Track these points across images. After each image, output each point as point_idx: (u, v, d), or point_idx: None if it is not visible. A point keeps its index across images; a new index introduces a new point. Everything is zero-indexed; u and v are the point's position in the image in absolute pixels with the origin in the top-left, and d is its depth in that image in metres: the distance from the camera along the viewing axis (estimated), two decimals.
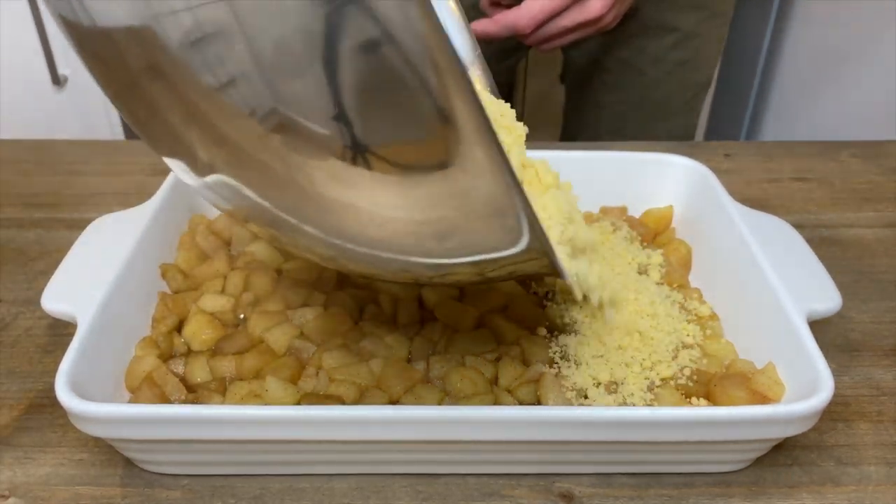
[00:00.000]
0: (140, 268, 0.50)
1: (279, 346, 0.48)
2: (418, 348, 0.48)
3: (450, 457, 0.43)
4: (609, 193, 0.62)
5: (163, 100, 0.32)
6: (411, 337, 0.49)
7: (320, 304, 0.51)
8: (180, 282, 0.53)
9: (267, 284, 0.53)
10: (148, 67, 0.30)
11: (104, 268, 0.48)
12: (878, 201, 0.71)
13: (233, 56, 0.28)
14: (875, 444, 0.46)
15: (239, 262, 0.55)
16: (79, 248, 0.50)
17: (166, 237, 0.55)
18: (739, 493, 0.43)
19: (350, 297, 0.52)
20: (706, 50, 0.90)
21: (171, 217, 0.56)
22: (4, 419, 0.47)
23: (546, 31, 0.69)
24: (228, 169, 0.34)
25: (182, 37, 0.28)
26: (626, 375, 0.46)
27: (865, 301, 0.58)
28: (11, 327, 0.54)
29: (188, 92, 0.30)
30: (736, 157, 0.78)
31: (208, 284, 0.53)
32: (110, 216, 0.54)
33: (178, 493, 0.43)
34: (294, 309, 0.50)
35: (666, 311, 0.51)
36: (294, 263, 0.54)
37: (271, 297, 0.52)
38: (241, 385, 0.45)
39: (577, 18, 0.68)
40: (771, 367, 0.45)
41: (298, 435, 0.40)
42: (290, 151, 0.30)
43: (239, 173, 0.33)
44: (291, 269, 0.54)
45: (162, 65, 0.30)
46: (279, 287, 0.52)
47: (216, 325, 0.50)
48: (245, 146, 0.31)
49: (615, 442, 0.41)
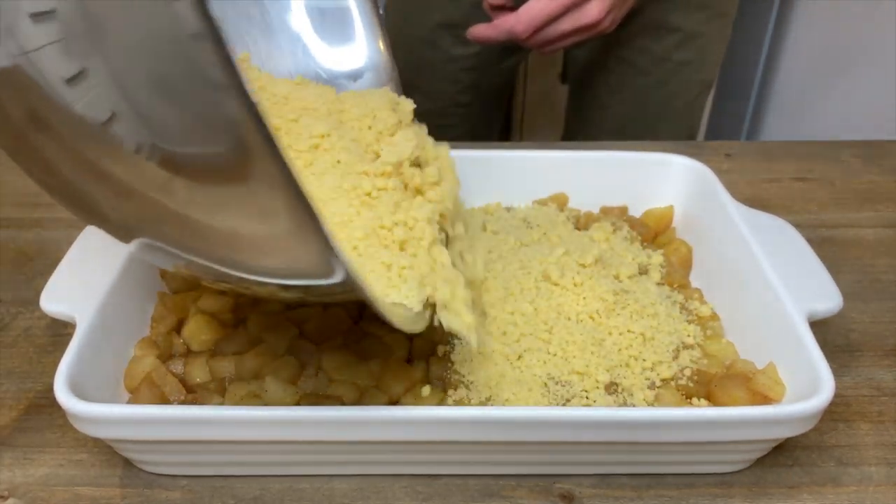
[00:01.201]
0: (139, 268, 0.50)
1: (279, 346, 0.48)
2: (418, 348, 0.48)
3: (450, 457, 0.43)
4: (609, 193, 0.62)
5: (49, 150, 0.31)
6: (411, 337, 0.49)
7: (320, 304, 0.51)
8: (179, 282, 0.53)
9: None
10: (28, 115, 0.29)
11: (103, 268, 0.47)
12: (879, 201, 0.71)
13: (106, 86, 0.27)
14: (876, 445, 0.46)
15: None
16: (78, 249, 0.50)
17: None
18: (740, 494, 0.43)
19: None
20: (710, 50, 0.90)
21: None
22: (3, 420, 0.47)
23: (544, 35, 0.69)
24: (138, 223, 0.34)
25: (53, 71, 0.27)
26: (627, 376, 0.46)
27: (866, 301, 0.58)
28: (10, 327, 0.54)
29: (69, 136, 0.30)
30: (736, 157, 0.78)
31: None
32: None
33: (177, 494, 0.43)
34: (294, 309, 0.50)
35: (666, 312, 0.51)
36: None
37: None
38: (241, 385, 0.45)
39: (574, 23, 0.68)
40: (771, 368, 0.45)
41: (298, 435, 0.40)
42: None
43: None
44: None
45: (38, 109, 0.29)
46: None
47: (216, 325, 0.50)
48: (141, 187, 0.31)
49: (615, 442, 0.41)
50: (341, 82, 0.54)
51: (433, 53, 0.91)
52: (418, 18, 0.90)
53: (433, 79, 0.92)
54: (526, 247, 0.56)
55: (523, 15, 0.67)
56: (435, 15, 0.88)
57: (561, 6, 0.67)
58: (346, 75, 0.55)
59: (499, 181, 0.62)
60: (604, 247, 0.56)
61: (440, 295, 0.39)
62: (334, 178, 0.44)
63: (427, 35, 0.90)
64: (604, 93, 0.93)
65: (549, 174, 0.62)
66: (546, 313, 0.50)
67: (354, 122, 0.49)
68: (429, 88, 0.93)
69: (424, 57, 0.91)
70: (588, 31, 0.69)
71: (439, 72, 0.92)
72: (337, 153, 0.45)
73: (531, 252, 0.54)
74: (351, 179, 0.44)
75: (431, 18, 0.89)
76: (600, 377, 0.46)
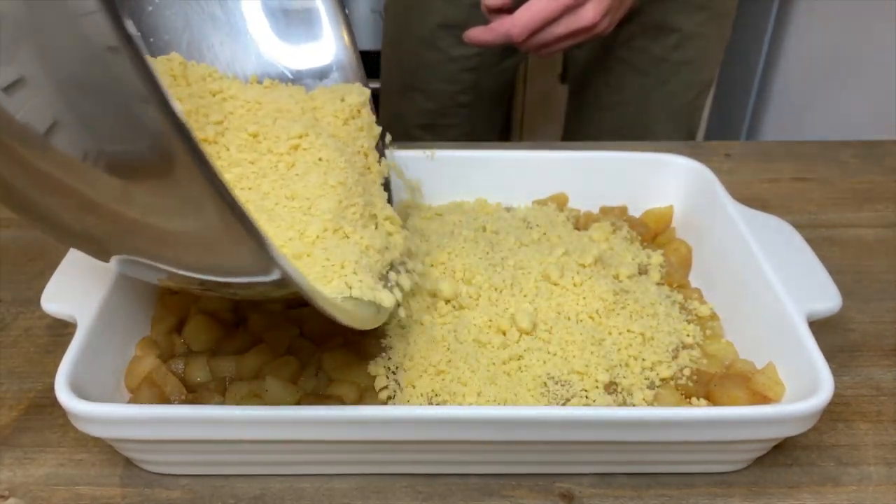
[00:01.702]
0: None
1: (279, 346, 0.48)
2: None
3: (450, 457, 0.43)
4: (609, 193, 0.62)
5: (1, 165, 0.31)
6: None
7: None
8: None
9: None
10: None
11: (104, 268, 0.47)
12: (878, 201, 0.71)
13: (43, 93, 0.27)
14: (875, 444, 0.46)
15: None
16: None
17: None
18: (739, 494, 0.43)
19: None
20: (709, 50, 0.90)
21: None
22: (4, 419, 0.47)
23: (540, 38, 0.69)
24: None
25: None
26: (626, 375, 0.46)
27: (865, 301, 0.58)
28: (11, 327, 0.54)
29: (18, 148, 0.30)
30: (736, 157, 0.78)
31: None
32: None
33: (177, 494, 0.43)
34: (294, 308, 0.50)
35: (666, 312, 0.51)
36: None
37: None
38: (241, 385, 0.45)
39: (570, 26, 0.68)
40: (771, 367, 0.45)
41: (299, 435, 0.40)
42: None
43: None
44: None
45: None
46: None
47: (216, 325, 0.50)
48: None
49: (615, 442, 0.41)
50: (307, 82, 0.55)
51: (433, 54, 0.91)
52: (418, 19, 0.90)
53: (433, 79, 0.93)
54: (526, 247, 0.56)
55: (519, 18, 0.67)
56: (434, 16, 0.88)
57: (556, 9, 0.67)
58: (312, 74, 0.55)
59: (499, 181, 0.62)
60: (603, 247, 0.56)
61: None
62: (318, 175, 0.44)
63: (427, 36, 0.90)
64: (603, 93, 0.94)
65: (548, 174, 0.62)
66: (546, 313, 0.50)
67: (330, 118, 0.50)
68: (428, 88, 0.93)
69: (424, 57, 0.91)
70: (584, 33, 0.69)
71: (439, 72, 0.92)
72: (317, 151, 0.46)
73: (531, 252, 0.54)
74: (335, 175, 0.44)
75: (431, 19, 0.89)
76: (600, 377, 0.46)
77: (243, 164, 0.45)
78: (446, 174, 0.62)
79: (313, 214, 0.43)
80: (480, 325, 0.49)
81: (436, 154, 0.62)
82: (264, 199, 0.44)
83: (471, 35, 0.70)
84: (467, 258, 0.53)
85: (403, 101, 0.95)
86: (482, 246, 0.54)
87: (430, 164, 0.61)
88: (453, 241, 0.54)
